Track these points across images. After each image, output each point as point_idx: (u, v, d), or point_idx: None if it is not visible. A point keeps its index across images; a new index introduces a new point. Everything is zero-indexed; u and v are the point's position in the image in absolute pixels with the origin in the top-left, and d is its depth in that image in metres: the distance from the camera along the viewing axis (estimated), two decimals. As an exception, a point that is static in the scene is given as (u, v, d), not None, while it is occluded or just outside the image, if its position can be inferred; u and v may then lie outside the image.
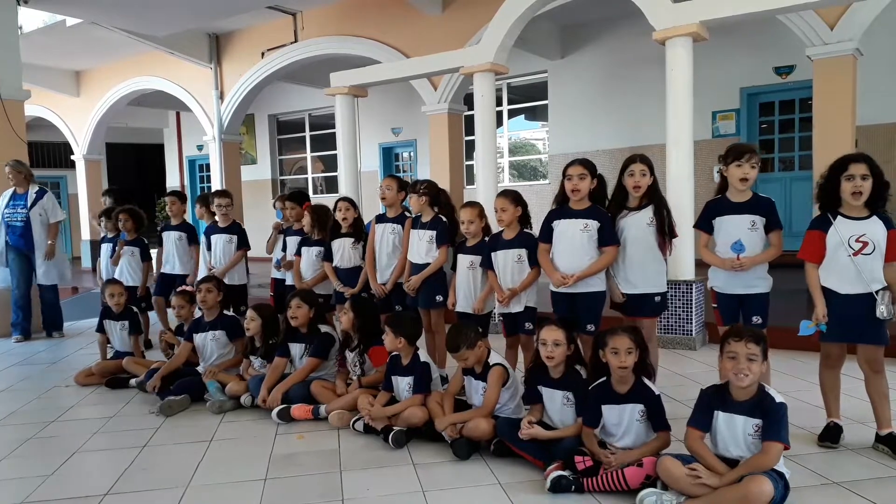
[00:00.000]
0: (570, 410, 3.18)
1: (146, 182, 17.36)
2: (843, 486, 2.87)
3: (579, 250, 3.70)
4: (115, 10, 8.69)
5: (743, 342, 2.63)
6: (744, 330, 2.70)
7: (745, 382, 2.64)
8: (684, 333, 5.41)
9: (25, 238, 6.87)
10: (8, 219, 6.84)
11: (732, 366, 2.65)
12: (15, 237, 6.85)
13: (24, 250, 6.89)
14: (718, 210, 3.53)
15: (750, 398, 2.68)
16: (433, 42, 8.77)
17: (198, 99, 11.75)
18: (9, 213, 6.85)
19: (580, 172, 3.68)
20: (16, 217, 6.84)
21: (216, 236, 5.93)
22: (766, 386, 2.73)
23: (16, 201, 6.88)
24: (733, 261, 3.40)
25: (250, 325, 4.48)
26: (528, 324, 4.01)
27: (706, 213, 3.59)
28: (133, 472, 3.33)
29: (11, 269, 6.89)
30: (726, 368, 2.68)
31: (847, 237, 3.14)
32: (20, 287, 6.90)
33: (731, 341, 2.67)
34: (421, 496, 2.94)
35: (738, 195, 3.48)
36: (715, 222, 3.54)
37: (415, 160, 13.17)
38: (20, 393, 4.92)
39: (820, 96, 7.02)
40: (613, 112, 10.50)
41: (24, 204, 6.86)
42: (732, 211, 3.47)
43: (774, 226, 3.46)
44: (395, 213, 4.77)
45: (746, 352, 2.62)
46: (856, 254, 3.12)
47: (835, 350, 3.34)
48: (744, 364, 2.62)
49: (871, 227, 3.13)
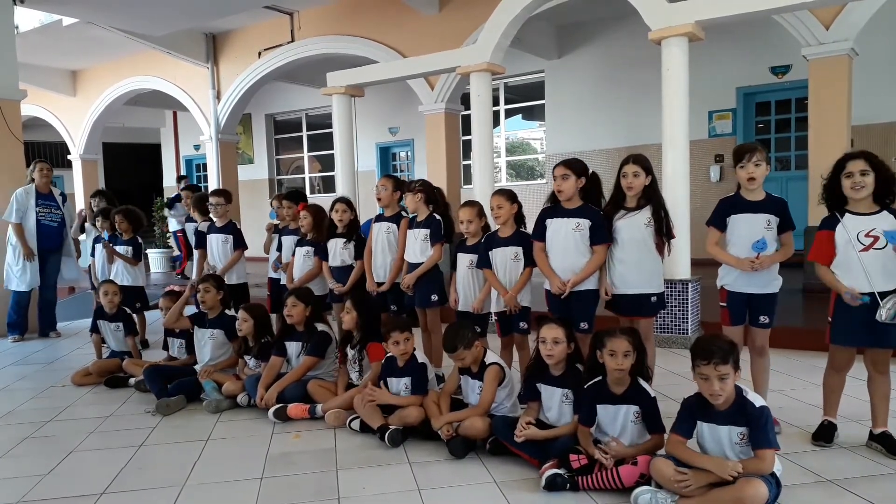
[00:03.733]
0: (569, 408, 3.19)
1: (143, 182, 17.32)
2: (836, 483, 2.88)
3: (572, 249, 3.71)
4: (111, 9, 8.68)
5: (712, 365, 2.60)
6: (711, 350, 2.63)
7: (720, 401, 2.65)
8: (680, 332, 5.42)
9: (57, 238, 6.87)
10: (42, 218, 6.74)
11: (707, 387, 2.64)
12: (47, 237, 6.78)
13: (55, 250, 6.87)
14: (734, 208, 3.50)
15: (730, 406, 2.67)
16: (430, 42, 8.78)
17: (194, 98, 11.75)
18: (43, 214, 6.76)
19: (563, 173, 3.70)
20: (51, 217, 6.80)
21: (212, 236, 5.93)
22: (744, 390, 2.70)
23: (46, 201, 6.82)
24: (751, 260, 3.37)
25: (242, 326, 4.48)
26: (522, 323, 4.03)
27: (720, 209, 3.55)
28: (129, 472, 3.33)
29: (30, 270, 6.72)
30: (700, 387, 2.67)
31: (855, 233, 3.10)
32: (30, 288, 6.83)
33: (699, 363, 2.64)
34: (417, 495, 2.94)
35: (751, 194, 3.47)
36: (729, 220, 3.51)
37: (412, 160, 13.19)
38: (17, 393, 4.92)
39: (815, 96, 7.05)
40: (610, 112, 10.53)
41: (56, 204, 6.86)
42: (748, 209, 3.45)
43: (788, 226, 3.46)
44: (392, 213, 4.78)
45: (717, 373, 2.60)
46: (865, 249, 3.08)
47: (845, 354, 3.28)
48: (717, 386, 2.61)
49: (880, 222, 3.07)
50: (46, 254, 6.85)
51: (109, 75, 12.56)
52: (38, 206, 6.75)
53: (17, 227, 6.66)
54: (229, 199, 6.07)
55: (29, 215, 6.70)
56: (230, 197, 6.12)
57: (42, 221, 6.77)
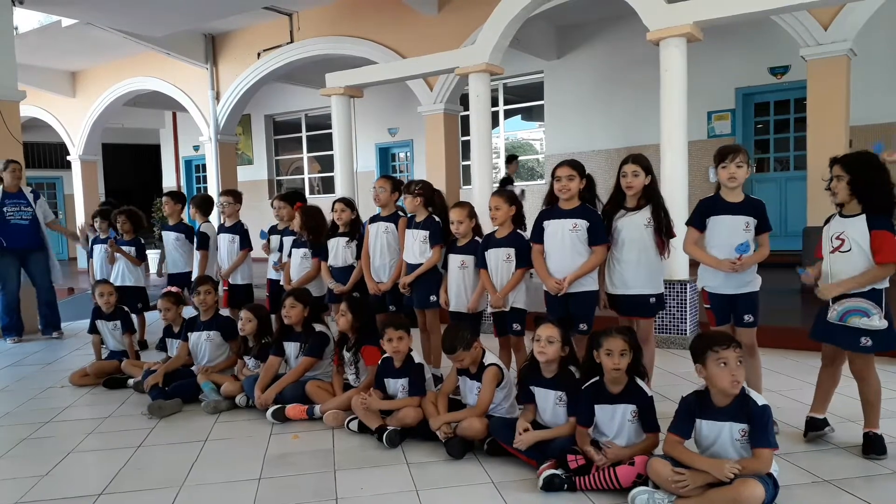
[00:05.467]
0: (563, 410, 3.19)
1: (143, 183, 17.34)
2: (833, 484, 2.89)
3: (570, 250, 3.72)
4: (110, 10, 8.69)
5: (732, 348, 2.60)
6: (723, 336, 2.66)
7: (738, 389, 2.64)
8: (679, 333, 5.42)
9: (31, 236, 6.76)
10: (10, 217, 6.65)
11: (725, 375, 2.60)
12: (18, 236, 6.68)
13: (34, 249, 6.80)
14: (713, 209, 3.52)
15: (732, 402, 2.66)
16: (429, 42, 8.78)
17: (194, 99, 11.75)
18: (11, 213, 6.67)
19: (568, 174, 3.70)
20: (21, 215, 6.72)
21: (220, 236, 5.97)
22: (745, 387, 2.71)
23: (15, 200, 6.71)
24: (731, 262, 3.38)
25: (246, 327, 4.48)
26: (515, 325, 4.03)
27: (700, 210, 3.58)
28: (127, 473, 3.33)
29: (6, 272, 6.71)
30: (719, 377, 2.62)
31: (830, 234, 3.17)
32: (13, 290, 6.80)
33: (718, 349, 2.62)
34: (414, 495, 2.95)
35: (731, 195, 3.49)
36: (709, 221, 3.53)
37: (411, 160, 13.19)
38: (15, 393, 4.92)
39: (814, 96, 7.06)
40: (609, 112, 10.54)
41: (26, 202, 6.76)
42: (727, 211, 3.47)
43: (765, 228, 3.48)
44: (389, 213, 4.78)
45: (736, 355, 2.61)
46: (833, 251, 3.13)
47: (827, 350, 3.34)
48: (737, 371, 2.60)
49: (851, 225, 3.10)
50: (25, 253, 6.79)
51: (109, 76, 12.56)
52: (5, 205, 6.64)
53: None
54: (238, 198, 6.07)
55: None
56: (239, 196, 6.12)
57: (11, 221, 6.67)
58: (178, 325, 4.93)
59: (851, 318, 3.07)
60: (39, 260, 6.89)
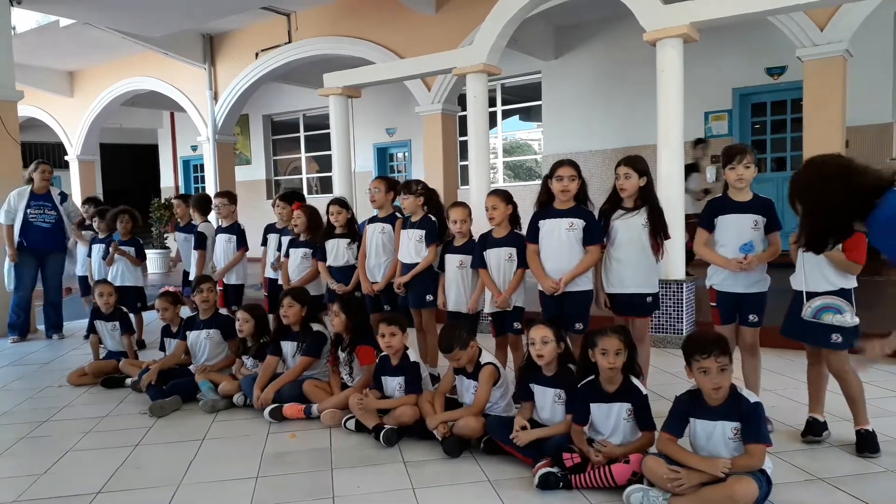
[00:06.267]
0: (561, 408, 3.21)
1: (141, 183, 17.32)
2: (827, 482, 2.90)
3: (566, 250, 3.73)
4: (108, 10, 8.69)
5: (712, 358, 2.63)
6: (708, 343, 2.67)
7: (721, 394, 2.67)
8: (675, 332, 5.44)
9: (52, 239, 6.80)
10: (33, 219, 6.69)
11: (708, 382, 2.65)
12: (40, 238, 6.72)
13: (52, 251, 6.83)
14: (721, 209, 3.55)
15: (724, 402, 2.69)
16: (427, 42, 8.79)
17: (192, 99, 11.75)
18: (34, 215, 6.70)
19: (571, 174, 3.72)
20: (43, 218, 6.74)
21: (218, 236, 6.01)
22: (737, 386, 2.73)
23: (40, 202, 6.75)
24: (739, 261, 3.41)
25: (244, 327, 4.50)
26: (516, 323, 4.05)
27: (709, 210, 3.61)
28: (125, 471, 3.35)
29: (24, 272, 6.73)
30: (701, 383, 2.69)
31: None
32: (27, 289, 6.82)
33: (700, 358, 2.65)
34: (411, 493, 2.96)
35: (739, 195, 3.52)
36: (717, 221, 3.56)
37: (409, 160, 13.20)
38: (13, 393, 4.93)
39: (810, 97, 7.07)
40: (607, 112, 10.55)
41: (51, 205, 6.80)
42: (735, 210, 3.51)
43: (775, 226, 3.51)
44: (386, 214, 4.79)
45: (717, 365, 2.63)
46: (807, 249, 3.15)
47: (809, 347, 3.39)
48: (718, 378, 2.64)
49: None
50: (44, 254, 6.82)
51: (107, 76, 12.56)
52: (30, 207, 6.69)
53: (5, 229, 6.63)
54: (233, 199, 6.10)
55: (18, 217, 6.66)
56: (234, 198, 6.16)
57: (34, 223, 6.70)
58: (175, 325, 4.94)
59: (825, 315, 3.12)
60: (56, 261, 6.93)
